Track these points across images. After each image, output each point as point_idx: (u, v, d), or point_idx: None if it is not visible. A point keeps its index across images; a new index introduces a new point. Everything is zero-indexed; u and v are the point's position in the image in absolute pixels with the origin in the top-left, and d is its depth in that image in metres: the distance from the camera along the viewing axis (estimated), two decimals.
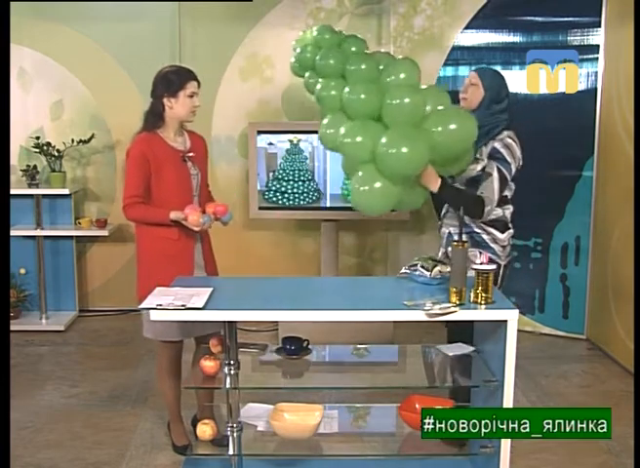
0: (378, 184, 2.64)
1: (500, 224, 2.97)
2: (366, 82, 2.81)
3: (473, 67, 3.14)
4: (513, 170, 2.90)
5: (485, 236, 2.94)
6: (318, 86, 3.07)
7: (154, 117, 2.91)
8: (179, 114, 2.89)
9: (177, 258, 2.89)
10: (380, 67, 2.91)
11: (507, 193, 2.96)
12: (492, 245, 2.94)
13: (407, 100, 2.61)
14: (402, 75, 2.76)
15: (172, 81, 2.88)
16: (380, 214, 2.88)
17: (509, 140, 2.89)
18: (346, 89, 2.82)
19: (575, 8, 4.40)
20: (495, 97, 2.92)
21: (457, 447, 2.58)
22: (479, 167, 2.89)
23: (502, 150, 2.86)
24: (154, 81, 2.93)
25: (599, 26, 4.33)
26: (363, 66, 2.92)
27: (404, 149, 2.53)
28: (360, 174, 2.70)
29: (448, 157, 2.71)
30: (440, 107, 2.70)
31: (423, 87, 2.81)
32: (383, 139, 2.56)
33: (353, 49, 3.22)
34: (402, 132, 2.59)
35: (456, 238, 2.80)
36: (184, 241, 2.89)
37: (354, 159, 2.72)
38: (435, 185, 2.78)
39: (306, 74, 3.35)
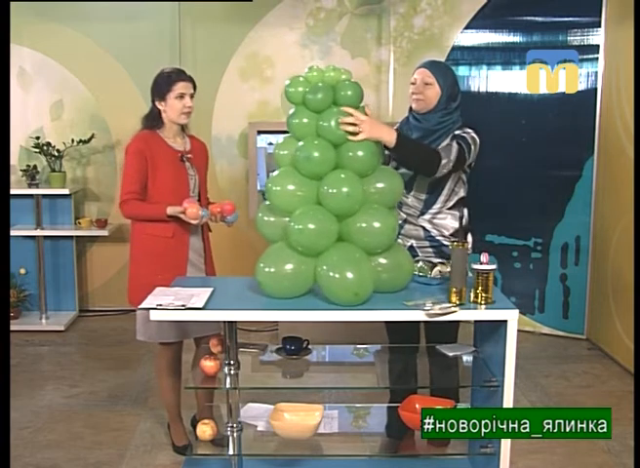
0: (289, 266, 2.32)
1: (465, 232, 2.77)
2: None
3: (421, 64, 2.81)
4: (472, 155, 2.71)
5: (444, 241, 2.77)
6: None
7: (151, 120, 2.92)
8: (170, 117, 2.89)
9: (169, 257, 2.88)
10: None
11: (463, 194, 2.82)
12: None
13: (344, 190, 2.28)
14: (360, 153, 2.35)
15: (160, 85, 2.89)
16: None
17: (470, 131, 2.73)
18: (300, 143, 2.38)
19: (575, 8, 4.40)
20: (451, 94, 2.73)
21: (441, 446, 2.57)
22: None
23: (465, 135, 2.70)
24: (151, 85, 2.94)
25: (599, 26, 4.33)
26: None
27: (349, 275, 2.25)
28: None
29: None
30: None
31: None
32: (324, 264, 2.29)
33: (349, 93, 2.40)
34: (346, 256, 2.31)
35: (419, 252, 2.78)
36: (178, 239, 2.88)
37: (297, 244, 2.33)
38: (391, 137, 2.46)
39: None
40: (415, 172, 2.71)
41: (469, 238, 2.84)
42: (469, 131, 2.75)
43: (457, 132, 2.73)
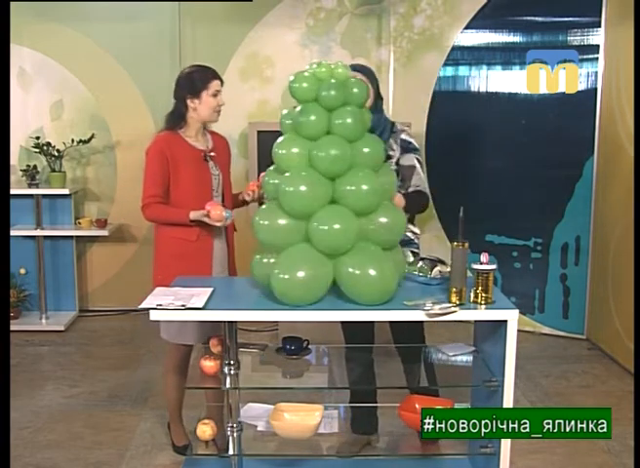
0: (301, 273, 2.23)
1: (412, 218, 2.94)
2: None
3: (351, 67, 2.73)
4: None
5: (409, 233, 2.89)
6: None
7: (176, 118, 2.87)
8: (202, 115, 2.85)
9: (194, 260, 2.84)
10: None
11: None
12: (415, 241, 2.92)
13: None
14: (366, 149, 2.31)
15: (194, 81, 2.83)
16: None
17: (408, 129, 2.92)
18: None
19: (575, 8, 4.41)
20: (379, 94, 2.86)
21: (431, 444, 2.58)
22: (393, 162, 2.83)
23: (411, 140, 2.87)
24: (176, 82, 2.89)
25: (599, 26, 4.33)
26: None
27: (372, 272, 2.21)
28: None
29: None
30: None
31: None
32: (350, 266, 2.23)
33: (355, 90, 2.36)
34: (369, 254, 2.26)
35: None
36: (203, 242, 2.85)
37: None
38: (402, 202, 2.70)
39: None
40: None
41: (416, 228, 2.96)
42: (408, 130, 2.91)
43: (403, 136, 2.86)
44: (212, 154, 2.91)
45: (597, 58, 4.34)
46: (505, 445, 2.31)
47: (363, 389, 2.82)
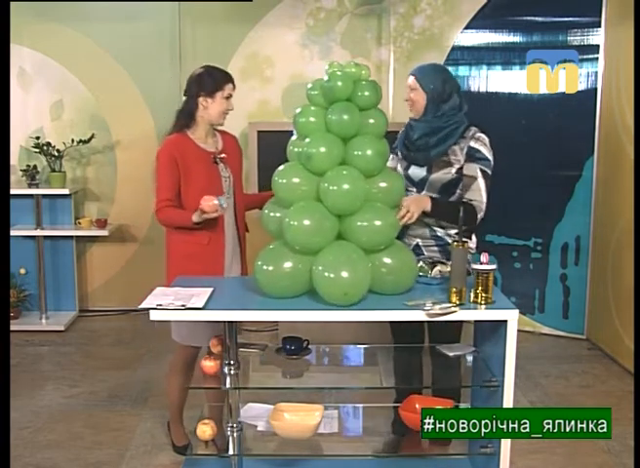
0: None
1: (470, 232, 2.81)
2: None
3: (412, 71, 2.80)
4: (492, 166, 2.73)
5: None
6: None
7: (186, 117, 2.85)
8: (211, 115, 2.84)
9: (206, 262, 2.83)
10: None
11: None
12: (467, 257, 2.83)
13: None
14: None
15: (210, 81, 2.82)
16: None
17: (483, 135, 2.73)
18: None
19: (575, 8, 4.41)
20: (438, 96, 2.71)
21: (443, 445, 2.57)
22: (453, 170, 2.70)
23: (481, 148, 2.70)
24: (190, 79, 2.87)
25: (599, 26, 4.33)
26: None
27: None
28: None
29: None
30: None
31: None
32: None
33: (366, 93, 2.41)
34: None
35: (424, 251, 2.78)
36: (214, 245, 2.83)
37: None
38: (428, 204, 2.64)
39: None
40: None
41: (473, 238, 2.84)
42: (483, 136, 2.74)
43: (471, 144, 2.71)
44: (222, 156, 2.88)
45: (597, 58, 4.34)
46: (505, 445, 2.31)
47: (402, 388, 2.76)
